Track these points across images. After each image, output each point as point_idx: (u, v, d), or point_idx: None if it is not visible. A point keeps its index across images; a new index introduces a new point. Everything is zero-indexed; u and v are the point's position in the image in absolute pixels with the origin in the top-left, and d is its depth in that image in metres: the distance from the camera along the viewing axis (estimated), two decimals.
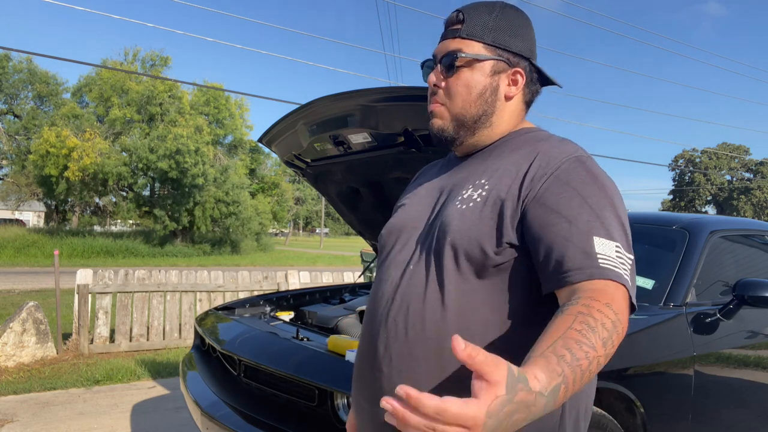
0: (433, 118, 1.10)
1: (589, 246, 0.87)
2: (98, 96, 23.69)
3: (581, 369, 0.73)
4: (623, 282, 0.85)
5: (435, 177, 1.19)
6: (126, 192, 25.08)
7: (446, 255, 0.98)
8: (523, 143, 1.07)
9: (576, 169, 0.96)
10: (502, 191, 0.99)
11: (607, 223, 0.90)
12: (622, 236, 0.91)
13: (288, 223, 49.16)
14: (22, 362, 5.17)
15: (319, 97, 2.56)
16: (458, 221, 0.99)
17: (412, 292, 1.01)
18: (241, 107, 27.16)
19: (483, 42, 1.07)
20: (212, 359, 2.94)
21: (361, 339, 1.12)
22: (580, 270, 0.85)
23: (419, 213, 1.12)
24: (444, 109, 1.09)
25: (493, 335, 0.95)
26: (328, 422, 2.04)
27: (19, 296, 9.53)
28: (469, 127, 1.08)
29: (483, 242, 0.96)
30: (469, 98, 1.07)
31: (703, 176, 57.95)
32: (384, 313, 1.04)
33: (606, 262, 0.86)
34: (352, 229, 3.79)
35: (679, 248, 2.58)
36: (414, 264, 1.04)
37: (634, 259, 0.92)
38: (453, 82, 1.07)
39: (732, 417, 2.50)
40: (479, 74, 1.07)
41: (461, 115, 1.08)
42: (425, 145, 2.46)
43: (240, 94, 34.76)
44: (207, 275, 6.40)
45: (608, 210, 0.92)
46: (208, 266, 17.86)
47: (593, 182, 0.95)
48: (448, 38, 1.09)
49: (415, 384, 0.95)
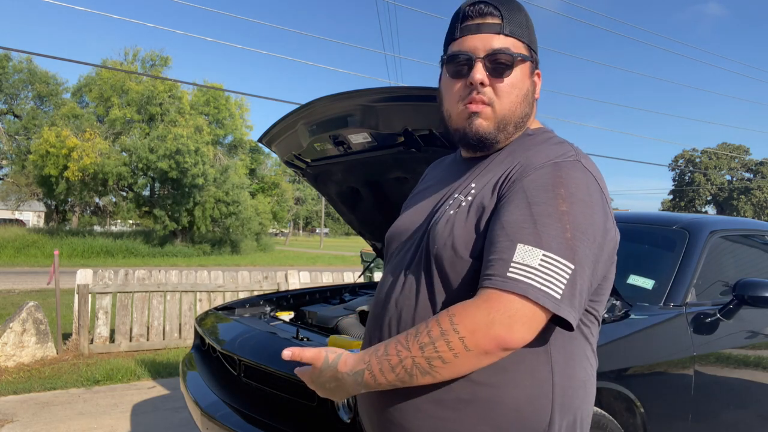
0: (477, 119, 1.02)
1: (508, 254, 0.88)
2: (98, 96, 23.68)
3: (390, 363, 0.90)
4: (523, 293, 0.85)
5: (440, 178, 1.18)
6: (126, 192, 25.08)
7: (433, 261, 1.00)
8: (521, 147, 1.06)
9: (544, 176, 0.95)
10: (485, 197, 1.00)
11: (541, 230, 0.88)
12: (561, 244, 0.87)
13: (288, 223, 49.16)
14: (22, 362, 5.17)
15: (319, 97, 2.56)
16: (443, 227, 1.01)
17: (405, 298, 1.03)
18: (241, 107, 27.16)
19: (523, 42, 1.04)
20: (212, 359, 2.94)
21: (364, 341, 1.14)
22: (488, 277, 0.89)
23: (419, 216, 1.12)
24: (490, 109, 1.02)
25: None
26: (328, 422, 2.04)
27: (19, 296, 9.52)
28: (509, 130, 1.05)
29: (460, 248, 0.97)
30: (517, 100, 1.04)
31: (703, 176, 57.94)
32: (381, 318, 1.07)
33: (517, 271, 0.86)
34: (352, 229, 3.79)
35: (679, 248, 2.57)
36: (408, 270, 1.05)
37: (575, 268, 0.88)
38: (503, 82, 1.02)
39: (732, 417, 2.50)
40: (523, 75, 1.05)
41: (507, 117, 1.03)
42: (425, 145, 2.45)
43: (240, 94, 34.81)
44: (207, 275, 6.40)
45: (552, 217, 0.89)
46: (208, 266, 17.86)
47: (552, 189, 0.92)
48: (488, 33, 1.02)
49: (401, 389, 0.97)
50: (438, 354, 0.87)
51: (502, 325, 0.85)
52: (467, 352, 0.86)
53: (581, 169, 0.97)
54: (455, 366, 0.88)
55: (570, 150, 1.02)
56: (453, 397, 0.95)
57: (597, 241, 0.92)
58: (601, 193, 0.97)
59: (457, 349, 0.86)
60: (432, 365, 0.88)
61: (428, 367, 0.88)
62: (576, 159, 0.99)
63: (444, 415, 0.96)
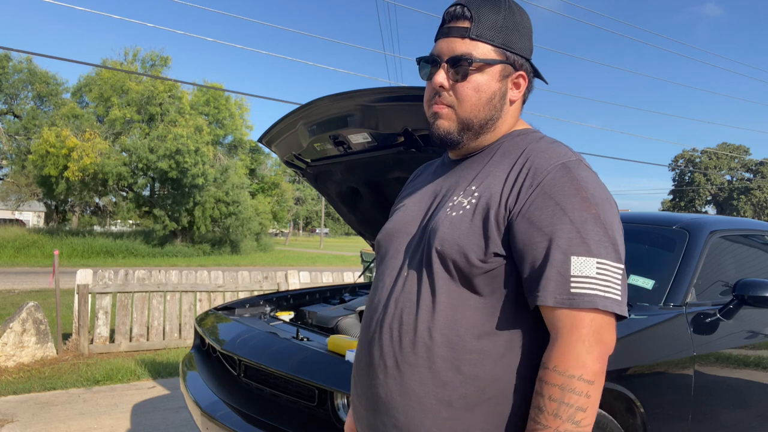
0: (437, 120, 1.06)
1: (565, 268, 0.90)
2: (98, 96, 23.67)
3: None
4: (594, 305, 0.89)
5: (430, 179, 1.18)
6: (126, 192, 25.09)
7: (435, 262, 1.00)
8: (514, 147, 1.06)
9: (561, 179, 0.96)
10: (491, 200, 0.99)
11: (588, 238, 0.91)
12: (608, 248, 0.92)
13: (288, 223, 49.17)
14: (22, 362, 5.17)
15: (319, 97, 2.56)
16: (447, 228, 1.00)
17: (406, 299, 1.02)
18: (241, 107, 27.17)
19: (492, 44, 1.03)
20: (212, 359, 2.94)
21: (358, 345, 1.12)
22: (551, 295, 0.90)
23: (413, 217, 1.11)
24: (450, 111, 1.05)
25: (483, 341, 0.96)
26: (328, 422, 2.04)
27: (19, 296, 9.52)
28: (474, 131, 1.06)
29: (468, 252, 0.97)
30: (479, 103, 1.04)
31: (703, 176, 57.96)
32: (379, 320, 1.05)
33: (580, 285, 0.89)
34: (352, 229, 3.79)
35: (679, 248, 2.57)
36: (407, 271, 1.05)
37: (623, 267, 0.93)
38: (462, 86, 1.03)
39: (732, 417, 2.50)
40: (489, 78, 1.04)
41: (469, 120, 1.05)
42: (425, 145, 2.46)
43: (240, 94, 34.80)
44: (207, 275, 6.40)
45: (590, 222, 0.92)
46: (208, 266, 17.86)
47: (576, 193, 0.94)
48: (454, 37, 1.04)
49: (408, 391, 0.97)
50: (575, 407, 0.87)
51: (597, 342, 0.89)
52: (593, 385, 0.88)
53: (587, 169, 1.00)
54: (594, 404, 0.89)
55: (567, 149, 1.03)
56: (461, 397, 0.95)
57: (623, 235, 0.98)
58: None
59: (585, 389, 0.88)
60: (577, 421, 0.88)
61: (575, 426, 0.87)
62: (578, 159, 1.00)
63: (453, 416, 0.96)
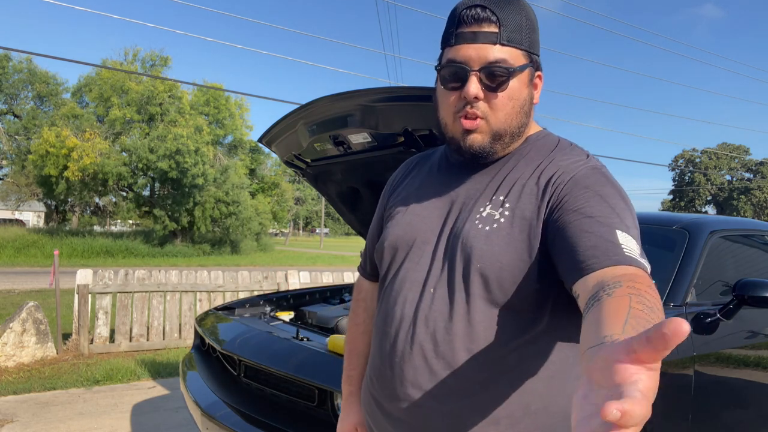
0: (471, 134, 0.98)
1: (613, 237, 0.85)
2: (98, 96, 23.66)
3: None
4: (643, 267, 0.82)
5: (436, 181, 1.10)
6: (126, 192, 25.08)
7: (474, 282, 0.94)
8: (536, 152, 1.03)
9: (593, 174, 0.97)
10: (526, 211, 0.95)
11: (627, 222, 0.90)
12: (638, 236, 0.91)
13: (288, 223, 49.15)
14: (22, 362, 5.17)
15: (319, 97, 2.56)
16: (484, 245, 0.95)
17: (438, 318, 0.96)
18: (241, 107, 27.15)
19: (521, 48, 0.97)
20: (212, 359, 2.94)
21: (374, 359, 1.06)
22: (606, 257, 0.82)
23: (428, 226, 1.04)
24: (484, 123, 0.98)
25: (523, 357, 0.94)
26: (328, 422, 2.04)
27: (19, 296, 9.52)
28: (506, 141, 1.01)
29: (515, 269, 0.92)
30: (513, 112, 0.98)
31: (703, 176, 57.97)
32: (407, 338, 0.99)
33: (631, 252, 0.84)
34: (352, 229, 3.79)
35: (679, 248, 2.57)
36: (435, 286, 0.98)
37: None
38: (497, 95, 0.97)
39: (732, 417, 2.50)
40: (521, 85, 0.99)
41: (503, 130, 0.99)
42: (425, 145, 2.45)
43: (240, 94, 34.79)
44: (207, 275, 6.40)
45: (626, 212, 0.92)
46: (208, 266, 17.85)
47: (611, 186, 0.95)
48: (483, 42, 0.95)
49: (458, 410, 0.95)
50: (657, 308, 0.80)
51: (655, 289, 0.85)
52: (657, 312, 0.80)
53: (604, 168, 1.01)
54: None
55: (583, 151, 1.04)
56: (506, 416, 0.93)
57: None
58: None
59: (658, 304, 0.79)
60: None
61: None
62: (596, 160, 1.02)
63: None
